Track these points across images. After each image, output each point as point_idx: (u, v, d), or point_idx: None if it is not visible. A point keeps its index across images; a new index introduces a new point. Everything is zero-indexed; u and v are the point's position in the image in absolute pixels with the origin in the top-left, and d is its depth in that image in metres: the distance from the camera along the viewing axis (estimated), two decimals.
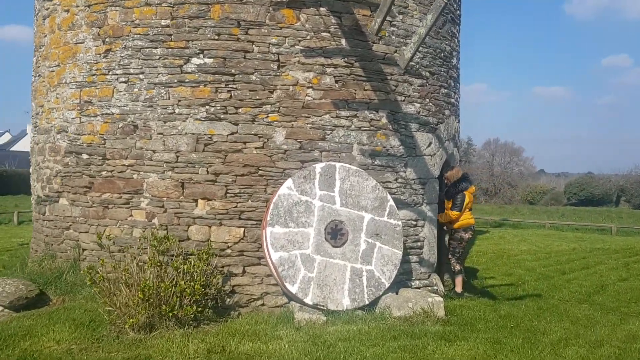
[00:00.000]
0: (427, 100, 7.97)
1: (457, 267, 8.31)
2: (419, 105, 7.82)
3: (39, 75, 8.30)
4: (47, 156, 7.97)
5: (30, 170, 8.72)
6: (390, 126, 7.45)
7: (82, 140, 7.43)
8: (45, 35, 8.07)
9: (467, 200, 8.17)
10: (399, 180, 7.59)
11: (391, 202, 6.99)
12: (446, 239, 8.68)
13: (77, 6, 7.47)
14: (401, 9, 7.49)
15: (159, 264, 5.94)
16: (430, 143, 8.03)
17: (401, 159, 7.60)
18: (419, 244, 7.87)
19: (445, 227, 8.63)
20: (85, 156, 7.38)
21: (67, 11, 7.60)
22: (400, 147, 7.57)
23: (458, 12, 9.12)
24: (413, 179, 7.76)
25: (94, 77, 7.31)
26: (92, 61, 7.33)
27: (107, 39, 7.22)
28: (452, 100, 8.78)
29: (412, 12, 7.60)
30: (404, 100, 7.62)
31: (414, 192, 7.77)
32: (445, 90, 8.46)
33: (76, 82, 7.49)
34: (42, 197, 8.12)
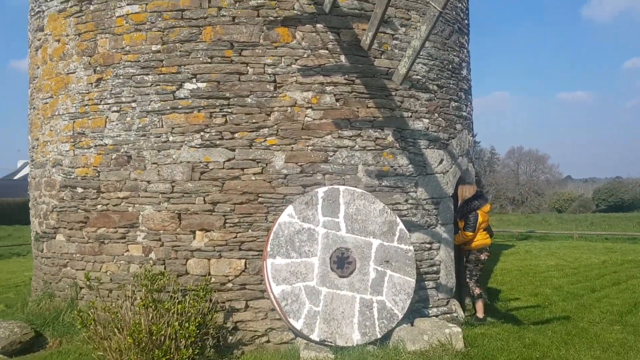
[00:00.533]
0: (436, 115, 7.52)
1: (477, 291, 7.77)
2: (427, 120, 7.37)
3: (34, 107, 8.09)
4: (43, 191, 7.71)
5: (30, 205, 8.48)
6: (397, 144, 7.01)
7: (77, 174, 7.14)
8: (38, 67, 7.86)
9: (480, 219, 7.67)
10: (410, 201, 7.12)
11: (401, 226, 6.52)
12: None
13: (68, 35, 7.23)
14: (403, 21, 7.09)
15: (151, 304, 5.56)
16: (442, 160, 7.56)
17: (411, 179, 7.14)
18: (434, 268, 7.37)
19: (461, 248, 8.12)
20: (80, 190, 7.09)
21: (58, 41, 7.37)
22: (409, 165, 7.12)
23: (466, 21, 8.69)
24: (425, 199, 7.29)
25: (86, 107, 7.04)
26: (84, 91, 7.06)
27: (98, 68, 6.96)
28: (464, 114, 8.31)
29: (415, 24, 7.19)
30: (411, 117, 7.18)
31: (426, 213, 7.29)
32: (456, 104, 8.00)
33: (69, 113, 7.23)
34: (40, 234, 7.84)
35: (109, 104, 6.88)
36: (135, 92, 6.70)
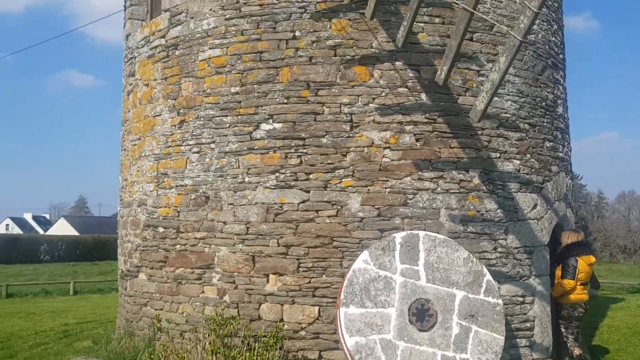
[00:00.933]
0: (528, 155, 6.94)
1: (577, 352, 6.92)
2: (518, 162, 6.81)
3: (124, 149, 8.42)
4: (129, 230, 7.91)
5: (118, 243, 8.75)
6: (484, 187, 6.50)
7: (159, 213, 7.26)
8: (129, 110, 8.20)
9: (580, 268, 6.87)
10: (499, 249, 6.53)
11: (488, 277, 5.95)
12: None
13: (155, 79, 7.50)
14: (490, 57, 6.68)
15: (219, 350, 5.38)
16: (535, 205, 6.92)
17: (500, 225, 6.57)
18: (527, 324, 6.66)
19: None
20: (161, 229, 7.19)
21: (147, 85, 7.67)
22: (498, 210, 6.56)
23: (561, 56, 8.09)
24: (516, 248, 6.66)
25: (169, 148, 7.20)
26: (168, 133, 7.24)
27: (181, 110, 7.12)
28: (560, 155, 7.63)
29: None
30: (499, 157, 6.66)
31: (517, 262, 6.65)
32: (551, 144, 7.37)
33: (154, 154, 7.43)
34: (124, 272, 8.02)
35: (190, 145, 6.98)
36: (214, 133, 6.75)
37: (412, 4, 4.97)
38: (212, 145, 6.77)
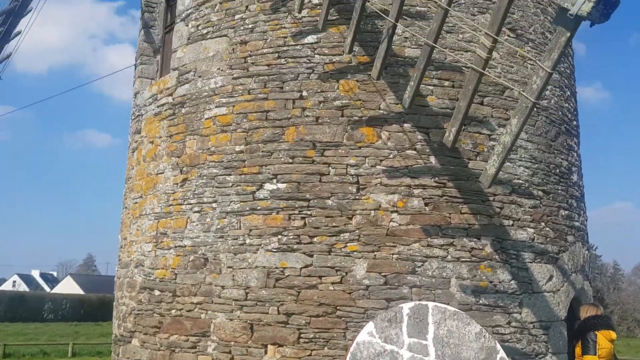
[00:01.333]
0: (543, 224, 6.63)
1: None
2: (532, 230, 6.49)
3: (125, 207, 8.23)
4: (125, 292, 7.59)
5: (113, 305, 8.39)
6: (496, 256, 6.16)
7: (155, 275, 6.96)
8: (133, 168, 8.07)
9: (600, 341, 6.36)
10: (513, 323, 6.11)
11: (502, 354, 5.51)
12: None
13: (160, 137, 7.40)
14: (501, 121, 6.50)
15: None
16: (551, 276, 6.54)
17: (514, 297, 6.17)
18: None
19: None
20: (157, 292, 6.87)
21: (152, 143, 7.56)
22: (512, 281, 6.19)
23: (574, 122, 7.91)
24: (531, 323, 6.23)
25: (170, 207, 6.98)
26: (170, 191, 7.05)
27: (184, 168, 6.95)
28: (576, 224, 7.30)
29: None
30: (512, 225, 6.36)
31: (533, 339, 6.20)
32: (566, 212, 7.06)
33: (154, 213, 7.21)
34: (118, 336, 7.63)
35: (191, 204, 6.77)
36: (216, 192, 6.54)
37: (419, 64, 4.85)
38: (214, 205, 6.55)
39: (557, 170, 7.08)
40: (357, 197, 6.04)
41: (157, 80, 8.06)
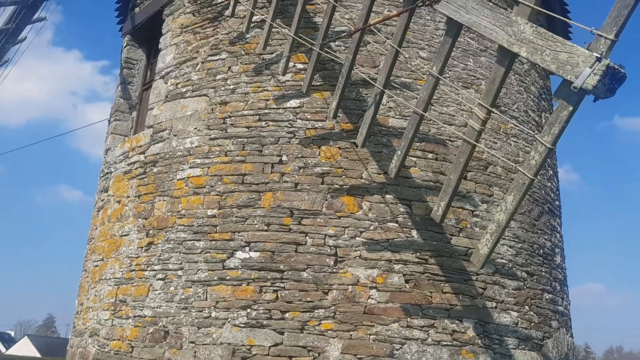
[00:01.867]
0: (527, 307, 6.31)
1: None
2: (516, 314, 6.16)
3: (85, 270, 7.68)
4: None
5: None
6: (479, 341, 5.78)
7: (111, 347, 6.36)
8: (97, 228, 7.59)
9: None
10: None
11: None
12: None
13: (128, 197, 6.99)
14: (485, 197, 6.32)
15: None
16: None
17: None
18: None
19: None
20: None
21: (119, 202, 7.14)
22: None
23: (557, 202, 7.79)
24: None
25: (133, 272, 6.48)
26: (134, 255, 6.57)
27: (151, 231, 6.52)
28: (560, 308, 7.00)
29: (498, 201, 6.39)
30: (495, 308, 6.02)
31: None
32: (550, 295, 6.77)
33: (115, 278, 6.69)
34: None
35: (155, 270, 6.29)
36: (183, 258, 6.10)
37: (408, 132, 4.65)
38: (180, 272, 6.08)
39: (541, 251, 6.85)
40: (334, 270, 5.66)
41: (131, 137, 7.74)
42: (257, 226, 5.91)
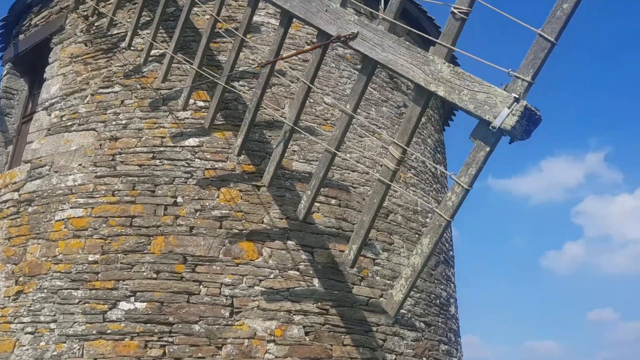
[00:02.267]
0: (425, 359, 6.23)
1: None
2: None
3: None
4: None
5: None
6: None
7: None
8: None
9: None
10: None
11: None
12: None
13: None
14: (385, 245, 6.26)
15: None
16: None
17: None
18: None
19: None
20: None
21: None
22: None
23: (451, 252, 7.95)
24: None
25: None
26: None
27: (21, 278, 5.76)
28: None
29: (398, 250, 6.37)
30: None
31: None
32: (446, 347, 6.77)
33: None
34: None
35: (23, 323, 5.51)
36: (57, 309, 5.40)
37: (319, 172, 4.47)
38: (52, 326, 5.36)
39: (437, 301, 6.88)
40: (230, 322, 5.25)
41: (4, 172, 6.94)
42: (145, 274, 5.38)
